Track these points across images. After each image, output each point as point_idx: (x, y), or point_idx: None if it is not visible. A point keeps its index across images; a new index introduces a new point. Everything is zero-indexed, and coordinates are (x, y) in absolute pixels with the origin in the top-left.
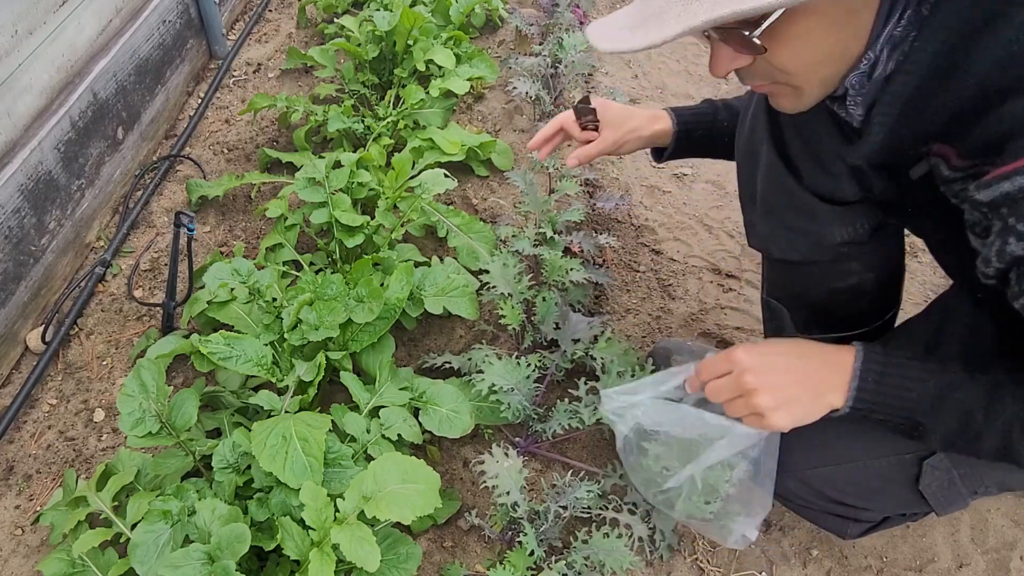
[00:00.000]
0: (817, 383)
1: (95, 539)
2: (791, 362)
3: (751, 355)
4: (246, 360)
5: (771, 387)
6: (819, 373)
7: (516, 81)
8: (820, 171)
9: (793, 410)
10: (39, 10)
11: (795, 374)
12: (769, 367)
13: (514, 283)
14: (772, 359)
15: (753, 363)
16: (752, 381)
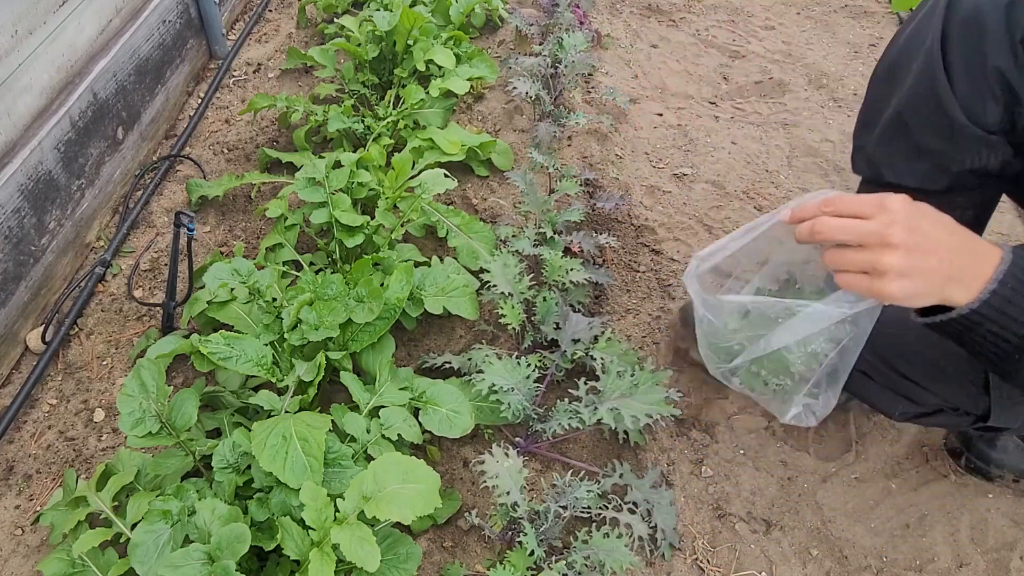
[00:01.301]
0: (957, 268)
1: (95, 539)
2: (944, 236)
3: (910, 208)
4: (246, 360)
5: (912, 249)
6: (962, 258)
7: (516, 81)
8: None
9: (918, 284)
10: (39, 10)
11: (942, 249)
12: (923, 234)
13: (514, 283)
14: (930, 222)
15: (909, 217)
16: (899, 235)
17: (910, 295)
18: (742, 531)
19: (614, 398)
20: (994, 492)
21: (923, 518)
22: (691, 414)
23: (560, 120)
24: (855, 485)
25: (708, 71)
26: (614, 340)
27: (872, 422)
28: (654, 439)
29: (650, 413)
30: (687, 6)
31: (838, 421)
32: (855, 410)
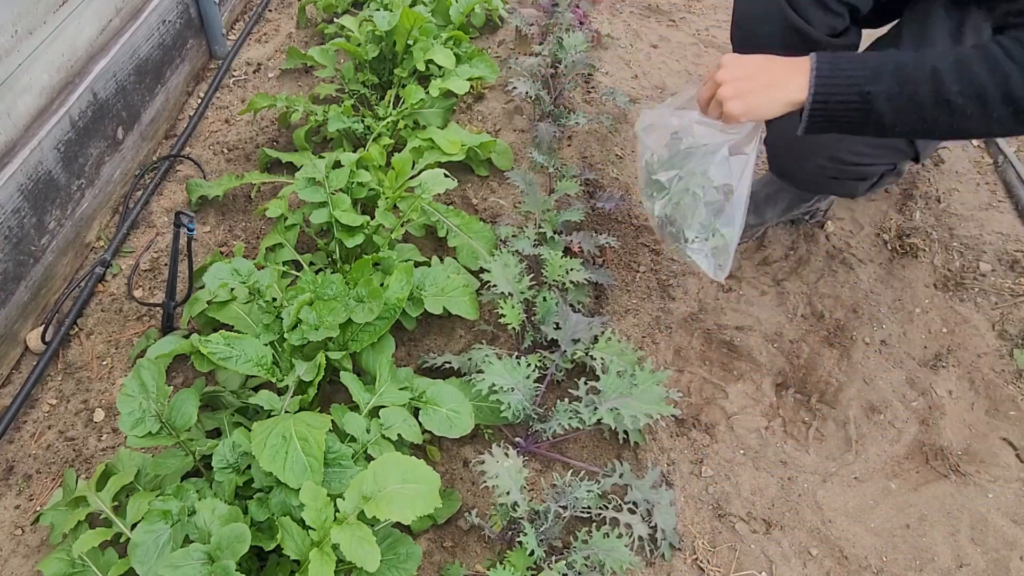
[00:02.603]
0: (781, 80)
1: (95, 539)
2: (761, 64)
3: (728, 58)
4: (246, 360)
5: (734, 79)
6: (783, 71)
7: (516, 81)
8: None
9: (748, 99)
10: (39, 10)
11: (761, 73)
12: (739, 66)
13: (514, 283)
14: (745, 61)
15: (727, 61)
16: (723, 74)
17: (748, 108)
18: (742, 531)
19: (614, 398)
20: (994, 492)
21: (923, 518)
22: (691, 414)
23: (560, 120)
24: (855, 485)
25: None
26: (614, 340)
27: (872, 422)
28: (654, 439)
29: (650, 413)
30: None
31: (838, 421)
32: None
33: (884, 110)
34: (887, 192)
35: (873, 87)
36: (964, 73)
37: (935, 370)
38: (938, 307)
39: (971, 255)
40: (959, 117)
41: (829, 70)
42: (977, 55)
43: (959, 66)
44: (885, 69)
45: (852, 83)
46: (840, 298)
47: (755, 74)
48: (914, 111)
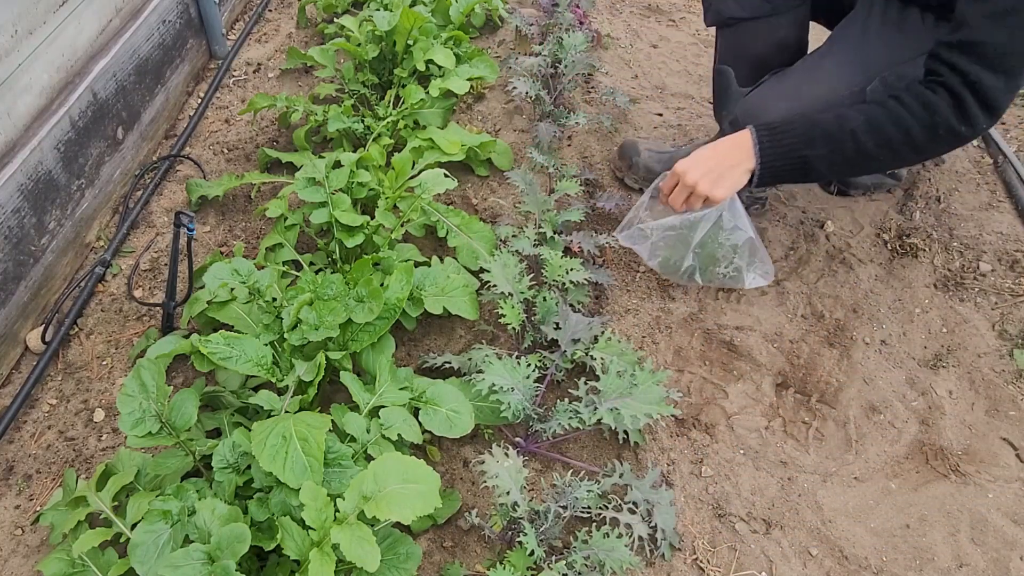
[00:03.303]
0: (733, 160)
1: (95, 539)
2: (710, 154)
3: (684, 163)
4: (246, 360)
5: (703, 175)
6: (731, 153)
7: (516, 81)
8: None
9: (723, 183)
10: (39, 10)
11: (715, 160)
12: (697, 163)
13: (514, 283)
14: (697, 157)
15: (687, 166)
16: (691, 177)
17: (728, 189)
18: (742, 531)
19: (614, 398)
20: (994, 492)
21: (923, 518)
22: (691, 414)
23: (560, 120)
24: (855, 485)
25: (708, 71)
26: (614, 340)
27: (872, 422)
28: (654, 439)
29: (650, 413)
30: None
31: (838, 421)
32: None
33: (818, 167)
34: (888, 192)
35: (808, 151)
36: (876, 131)
37: (935, 370)
38: (938, 307)
39: (971, 255)
40: (874, 161)
41: (769, 142)
42: (884, 114)
43: (870, 125)
44: (815, 134)
45: (791, 150)
46: (840, 298)
47: (716, 164)
48: (841, 164)
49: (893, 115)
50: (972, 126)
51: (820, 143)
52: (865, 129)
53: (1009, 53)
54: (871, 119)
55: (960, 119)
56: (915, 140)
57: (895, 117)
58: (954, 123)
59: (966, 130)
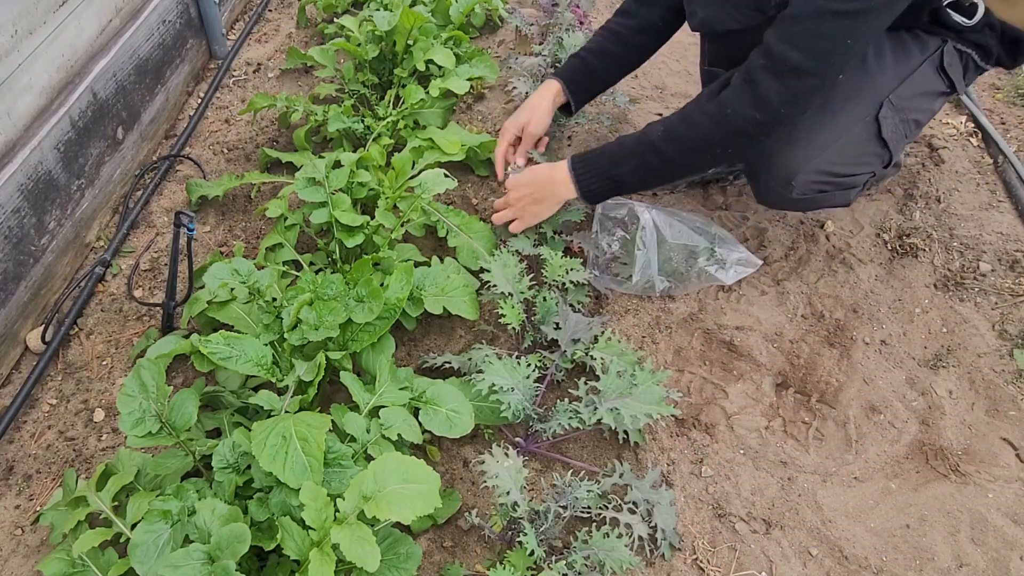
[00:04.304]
0: (549, 192)
1: (95, 539)
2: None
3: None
4: (246, 360)
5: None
6: (548, 186)
7: (516, 81)
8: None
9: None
10: (39, 10)
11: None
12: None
13: (514, 283)
14: (520, 190)
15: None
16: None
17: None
18: (742, 531)
19: (614, 398)
20: (994, 492)
21: (923, 518)
22: (691, 414)
23: (560, 120)
24: (855, 485)
25: None
26: (614, 340)
27: (872, 422)
28: (654, 439)
29: (650, 413)
30: None
31: (838, 421)
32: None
33: (630, 181)
34: (888, 192)
35: (616, 171)
36: (673, 138)
37: (935, 370)
38: (938, 307)
39: (971, 255)
40: (684, 168)
41: (583, 169)
42: (679, 119)
43: (668, 134)
44: (621, 154)
45: (601, 172)
46: (840, 298)
47: (528, 189)
48: (651, 175)
49: (687, 119)
50: (767, 110)
51: (626, 161)
52: (663, 138)
53: (817, 33)
54: (668, 128)
55: (754, 105)
56: (711, 137)
57: (689, 120)
58: (747, 111)
59: (761, 116)
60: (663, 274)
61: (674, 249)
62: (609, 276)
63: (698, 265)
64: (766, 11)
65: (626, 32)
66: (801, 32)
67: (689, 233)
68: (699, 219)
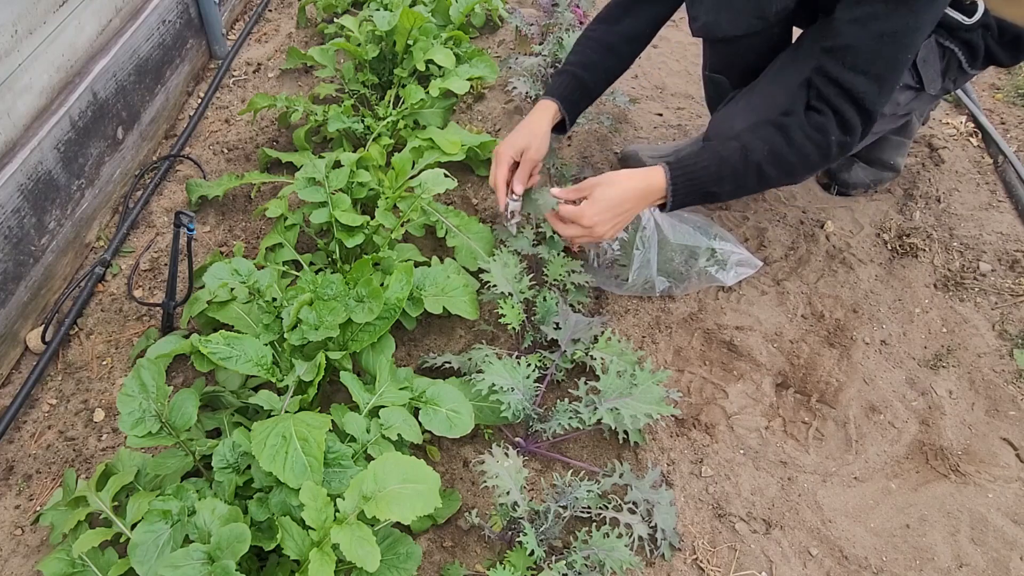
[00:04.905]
0: (639, 206)
1: (95, 539)
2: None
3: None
4: (246, 360)
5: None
6: (639, 201)
7: (516, 81)
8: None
9: (620, 226)
10: (39, 10)
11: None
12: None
13: (514, 283)
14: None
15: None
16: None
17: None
18: (742, 531)
19: (614, 398)
20: (994, 492)
21: (923, 518)
22: (691, 414)
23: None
24: (855, 485)
25: None
26: (614, 340)
27: (872, 422)
28: (654, 439)
29: (650, 413)
30: None
31: (838, 421)
32: None
33: (724, 196)
34: (888, 192)
35: (715, 188)
36: (779, 161)
37: (935, 370)
38: (938, 307)
39: (971, 255)
40: (773, 186)
41: (683, 183)
42: (784, 142)
43: (774, 156)
44: (724, 172)
45: (700, 188)
46: (840, 298)
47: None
48: (744, 191)
49: (794, 144)
50: (853, 135)
51: (727, 180)
52: (768, 161)
53: (876, 58)
54: (774, 150)
55: (844, 131)
56: (812, 161)
57: (796, 145)
58: (841, 137)
59: (850, 140)
60: (663, 274)
61: (675, 249)
62: (609, 277)
63: (698, 265)
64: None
65: (614, 40)
66: (863, 60)
67: (690, 233)
68: (700, 219)
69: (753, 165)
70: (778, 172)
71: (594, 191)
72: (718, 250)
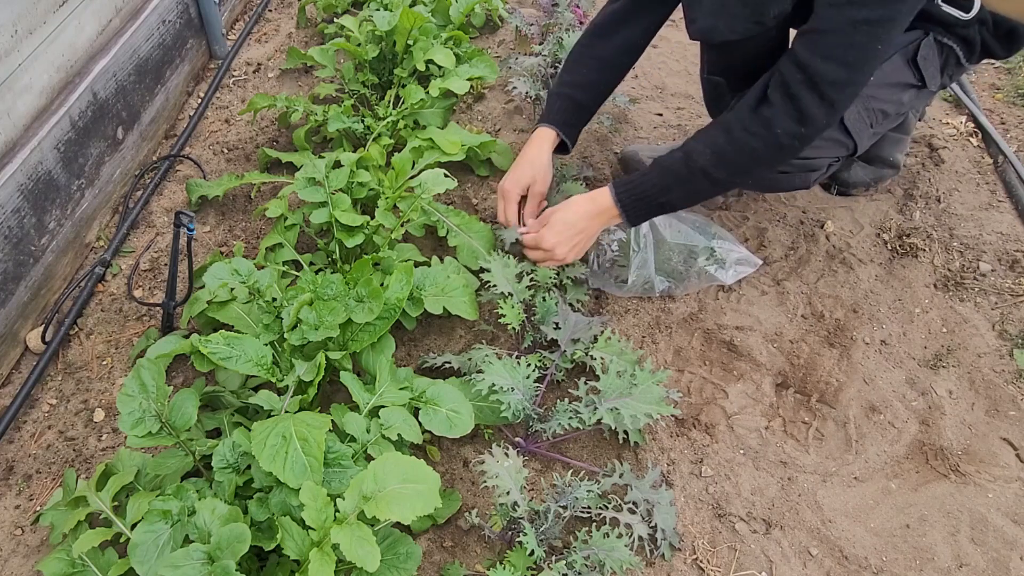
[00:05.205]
0: (594, 227)
1: (95, 539)
2: (567, 228)
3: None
4: (246, 360)
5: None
6: (592, 222)
7: (516, 81)
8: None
9: (579, 248)
10: (39, 10)
11: (576, 230)
12: (557, 237)
13: (514, 283)
14: (556, 230)
15: (549, 241)
16: (549, 243)
17: (568, 254)
18: (742, 531)
19: (614, 398)
20: (994, 492)
21: (923, 518)
22: (691, 414)
23: None
24: (855, 485)
25: None
26: (614, 340)
27: (872, 422)
28: (654, 439)
29: (650, 413)
30: None
31: (838, 421)
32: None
33: (679, 204)
34: (888, 192)
35: (664, 197)
36: (724, 163)
37: (935, 370)
38: (938, 307)
39: (971, 255)
40: (731, 186)
41: (629, 199)
42: (727, 142)
43: (717, 159)
44: (668, 181)
45: (650, 201)
46: (840, 298)
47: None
48: (699, 196)
49: (736, 142)
50: (811, 126)
51: (676, 188)
52: (713, 163)
53: (849, 46)
54: (717, 152)
55: (799, 121)
56: (762, 157)
57: (738, 144)
58: (793, 127)
59: (806, 131)
60: (662, 274)
61: (674, 249)
62: (608, 278)
63: (698, 265)
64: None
65: (609, 54)
66: (833, 45)
67: (689, 233)
68: (699, 219)
69: (698, 170)
70: (727, 172)
71: (551, 217)
72: (717, 249)
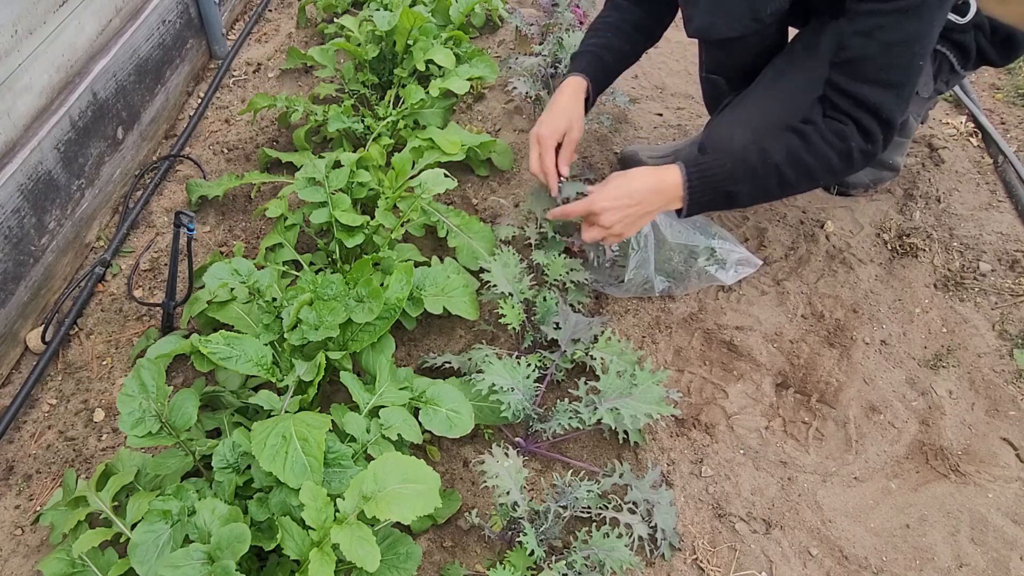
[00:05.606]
0: (655, 206)
1: (95, 539)
2: (633, 198)
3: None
4: (246, 360)
5: (621, 219)
6: (654, 199)
7: (516, 81)
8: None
9: (638, 225)
10: (39, 10)
11: (636, 205)
12: (617, 206)
13: (514, 283)
14: (618, 199)
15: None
16: (608, 219)
17: (626, 230)
18: (742, 531)
19: (614, 398)
20: (994, 492)
21: (923, 518)
22: (691, 414)
23: None
24: (855, 485)
25: None
26: (614, 340)
27: (872, 422)
28: (654, 439)
29: (650, 413)
30: None
31: (838, 421)
32: None
33: (743, 199)
34: (888, 192)
35: (733, 187)
36: (797, 164)
37: (935, 370)
38: (938, 307)
39: (971, 255)
40: (794, 189)
41: (699, 181)
42: (803, 146)
43: (792, 159)
44: (741, 171)
45: (718, 186)
46: (840, 298)
47: (636, 209)
48: (764, 194)
49: (812, 147)
50: (875, 143)
51: (745, 180)
52: (787, 162)
53: (888, 67)
54: (792, 152)
55: (866, 139)
56: (834, 167)
57: (814, 149)
58: (863, 144)
59: (872, 147)
60: (662, 274)
61: (674, 249)
62: (608, 278)
63: (698, 265)
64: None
65: (628, 28)
66: (872, 69)
67: (689, 233)
68: (699, 218)
69: (772, 166)
70: (797, 174)
71: (610, 181)
72: (718, 249)
